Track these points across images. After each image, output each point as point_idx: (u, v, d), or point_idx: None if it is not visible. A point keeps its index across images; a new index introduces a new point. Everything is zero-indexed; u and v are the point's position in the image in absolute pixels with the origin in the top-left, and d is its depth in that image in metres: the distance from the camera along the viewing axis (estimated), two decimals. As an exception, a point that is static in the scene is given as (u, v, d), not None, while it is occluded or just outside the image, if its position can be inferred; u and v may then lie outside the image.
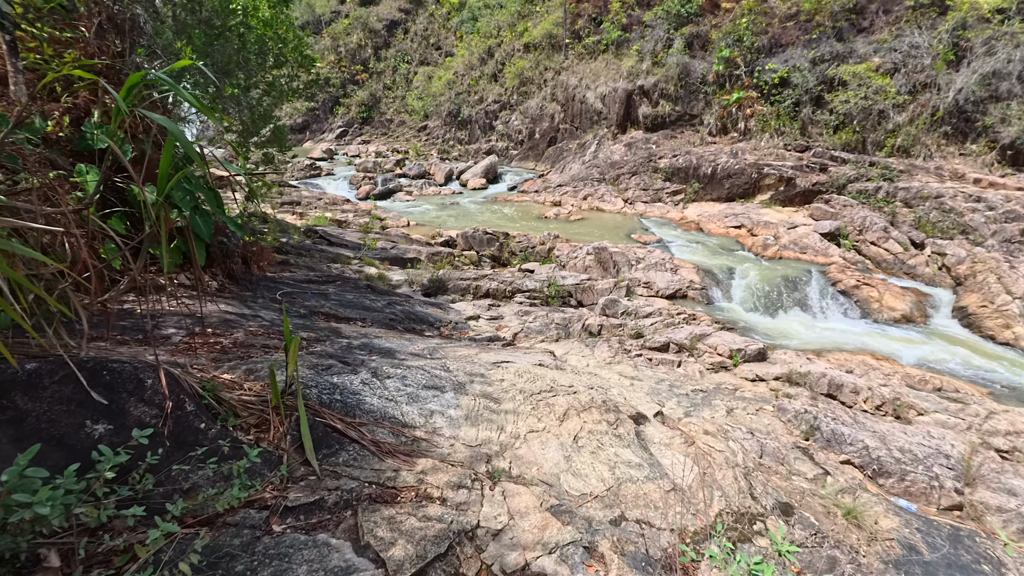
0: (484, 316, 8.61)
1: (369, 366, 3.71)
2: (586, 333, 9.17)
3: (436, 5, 54.67)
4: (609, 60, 30.87)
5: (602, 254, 13.45)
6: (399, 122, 48.95)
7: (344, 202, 22.36)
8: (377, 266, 11.68)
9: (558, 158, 30.92)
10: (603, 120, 29.85)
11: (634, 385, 5.80)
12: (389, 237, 15.10)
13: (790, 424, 5.72)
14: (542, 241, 15.77)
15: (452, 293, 10.07)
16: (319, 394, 2.97)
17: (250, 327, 4.27)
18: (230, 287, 5.63)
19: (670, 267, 14.40)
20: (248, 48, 7.92)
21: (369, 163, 31.51)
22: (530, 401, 3.81)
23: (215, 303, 4.78)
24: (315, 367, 3.36)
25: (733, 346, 8.06)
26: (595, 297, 11.51)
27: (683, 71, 26.12)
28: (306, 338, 4.29)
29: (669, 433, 4.37)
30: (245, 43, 7.72)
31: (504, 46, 39.81)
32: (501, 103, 37.79)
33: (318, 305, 5.92)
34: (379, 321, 6.06)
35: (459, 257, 14.59)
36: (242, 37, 7.83)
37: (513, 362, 4.74)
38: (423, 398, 3.39)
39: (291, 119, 52.68)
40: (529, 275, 12.06)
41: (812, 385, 7.51)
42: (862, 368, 9.77)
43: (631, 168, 24.97)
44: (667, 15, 28.18)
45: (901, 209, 17.04)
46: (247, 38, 7.89)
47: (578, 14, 35.07)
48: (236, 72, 7.85)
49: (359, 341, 4.61)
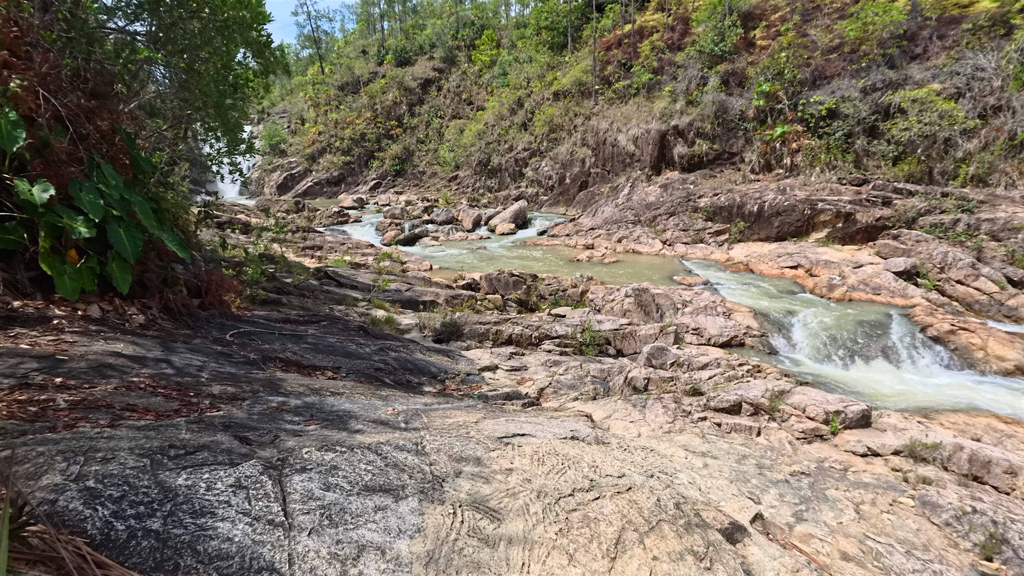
0: (503, 366, 7.05)
1: (282, 446, 2.20)
2: (630, 389, 7.45)
3: (468, 64, 56.57)
4: (640, 103, 30.21)
5: (643, 296, 11.80)
6: (431, 173, 49.54)
7: (368, 247, 21.62)
8: (387, 309, 10.38)
9: (589, 202, 29.86)
10: (636, 162, 28.83)
11: (708, 467, 4.06)
12: (406, 279, 13.90)
13: (951, 531, 3.84)
14: (574, 284, 14.26)
15: (468, 339, 8.58)
16: (108, 519, 1.49)
17: (136, 378, 2.87)
18: (163, 323, 4.31)
19: (722, 311, 12.59)
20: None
21: (397, 210, 31.21)
22: (555, 514, 2.21)
23: (116, 341, 3.43)
24: (159, 452, 1.88)
25: (826, 407, 6.18)
26: (637, 345, 9.80)
27: (720, 109, 25.03)
28: (215, 395, 2.85)
29: (788, 560, 2.64)
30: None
31: (534, 96, 40.06)
32: (531, 150, 37.51)
33: (279, 349, 4.54)
34: (359, 371, 4.61)
35: (482, 301, 13.19)
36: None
37: (532, 435, 3.15)
38: (353, 515, 1.84)
39: (327, 173, 54.22)
40: (560, 320, 10.50)
41: (945, 462, 5.53)
42: (991, 435, 7.62)
43: (668, 209, 23.54)
44: (700, 55, 27.49)
45: (988, 243, 14.83)
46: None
47: (607, 61, 34.99)
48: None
49: (303, 400, 3.13)
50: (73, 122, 3.76)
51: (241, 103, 8.87)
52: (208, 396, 2.84)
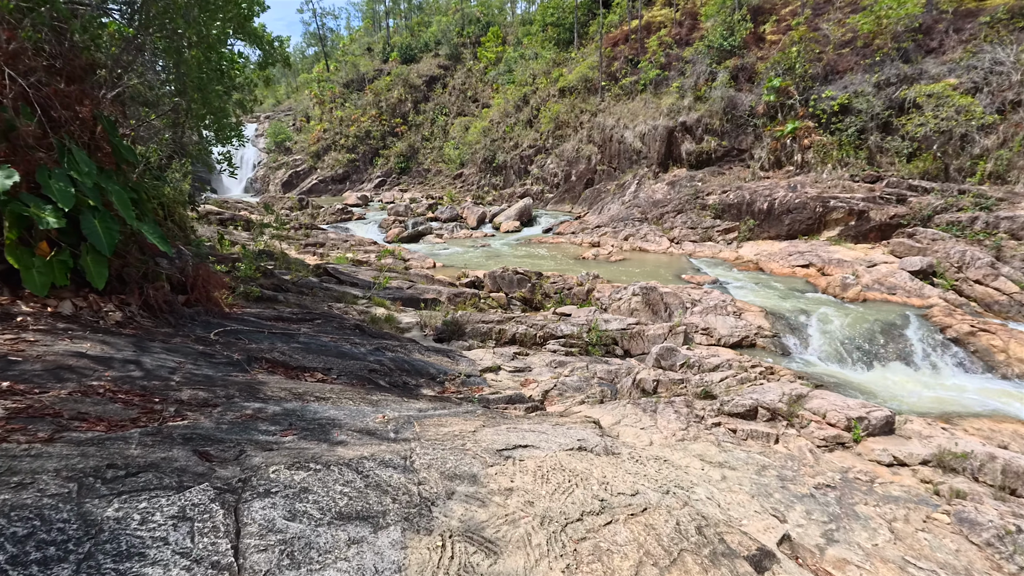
0: (506, 367, 6.75)
1: (247, 463, 1.92)
2: (639, 391, 7.14)
3: (474, 61, 56.19)
4: (647, 99, 29.78)
5: (651, 295, 11.47)
6: (436, 171, 49.26)
7: (371, 244, 21.37)
8: (388, 307, 10.11)
9: (596, 199, 29.48)
10: (643, 159, 28.42)
11: (727, 479, 3.75)
12: (408, 277, 13.63)
13: (993, 552, 3.53)
14: (580, 282, 13.94)
15: (470, 338, 8.28)
16: (2, 568, 1.21)
17: (97, 382, 2.59)
18: (142, 321, 4.04)
19: (732, 310, 12.24)
20: None
21: (401, 208, 30.96)
22: (561, 544, 1.91)
23: (84, 340, 3.15)
24: (93, 474, 1.60)
25: (848, 413, 5.83)
26: (645, 345, 9.48)
27: (729, 104, 24.58)
28: (183, 401, 2.57)
29: (825, 593, 2.34)
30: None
31: (539, 92, 39.65)
32: (536, 147, 37.14)
33: (267, 349, 4.27)
34: (352, 372, 4.33)
35: (485, 299, 12.90)
36: None
37: (535, 447, 2.85)
38: (320, 552, 1.54)
39: (332, 170, 54.03)
40: (565, 319, 10.19)
41: (976, 473, 5.19)
42: (1019, 442, 7.26)
43: (676, 207, 23.15)
44: (708, 50, 27.04)
45: (1008, 242, 14.38)
46: None
47: (614, 57, 34.56)
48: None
49: (282, 407, 2.85)
50: (42, 105, 3.49)
51: (230, 90, 8.58)
52: (175, 402, 2.55)
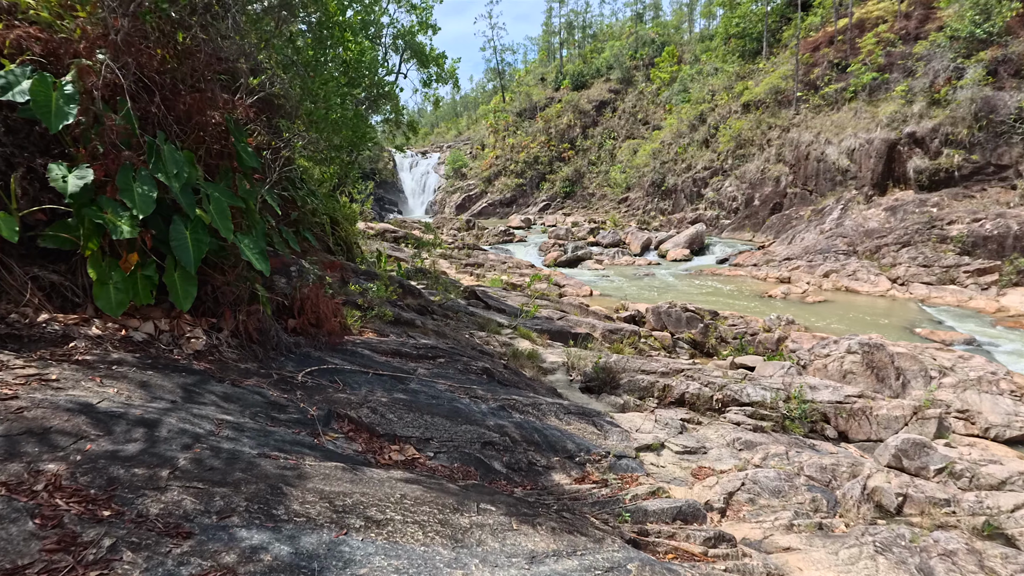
0: (672, 444, 5.05)
1: None
2: (872, 507, 4.83)
3: (646, 83, 54.30)
4: (859, 108, 24.83)
5: (876, 355, 8.55)
6: (600, 195, 48.35)
7: (528, 267, 20.92)
8: (534, 339, 9.04)
9: (784, 227, 25.28)
10: (850, 180, 23.59)
11: None
12: (560, 305, 12.48)
13: None
14: (767, 327, 11.31)
15: (625, 392, 6.69)
16: None
17: (52, 465, 1.76)
18: (226, 351, 3.42)
19: (1007, 387, 8.63)
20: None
21: (562, 231, 30.37)
22: None
23: (120, 380, 2.48)
24: None
25: None
26: (872, 429, 6.83)
27: (982, 107, 19.03)
28: (145, 517, 1.59)
29: None
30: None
31: (718, 109, 36.20)
32: (712, 169, 33.72)
33: (359, 400, 3.37)
34: (458, 447, 3.20)
35: (646, 338, 11.11)
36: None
37: None
38: None
39: (501, 194, 56.49)
40: (749, 376, 7.96)
41: None
42: None
43: (898, 238, 18.42)
44: (951, 42, 21.47)
45: None
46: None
47: (814, 63, 29.87)
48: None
49: (302, 541, 1.75)
50: (134, 98, 3.08)
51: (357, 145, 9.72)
52: (130, 522, 1.57)
